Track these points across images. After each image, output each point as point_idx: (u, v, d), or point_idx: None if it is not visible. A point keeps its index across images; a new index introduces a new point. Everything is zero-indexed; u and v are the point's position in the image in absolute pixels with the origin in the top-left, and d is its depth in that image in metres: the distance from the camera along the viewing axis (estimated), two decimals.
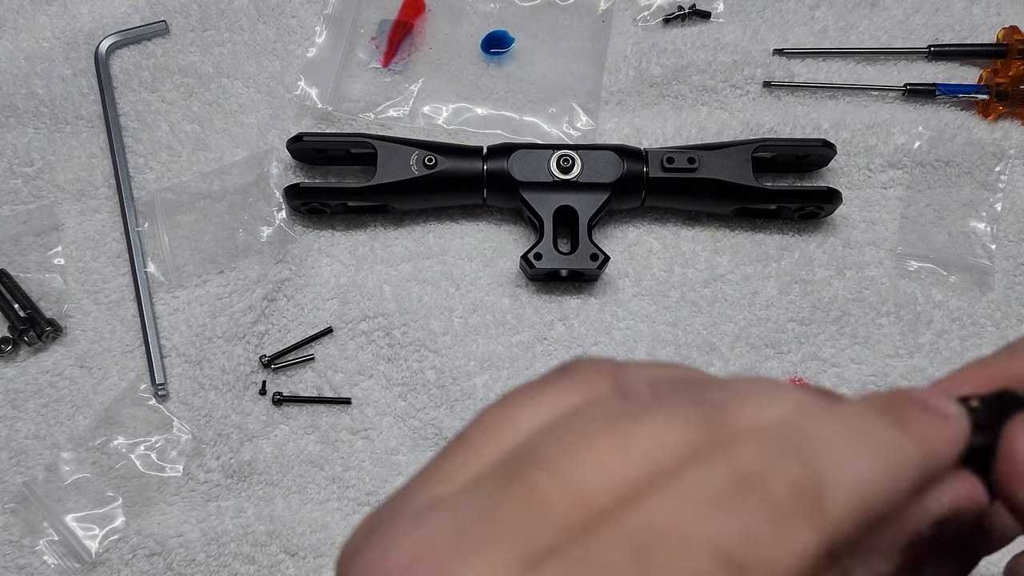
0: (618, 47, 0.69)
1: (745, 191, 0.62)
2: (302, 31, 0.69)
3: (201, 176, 0.65)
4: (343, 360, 0.61)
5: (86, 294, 0.62)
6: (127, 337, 0.61)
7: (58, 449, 0.58)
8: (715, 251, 0.65)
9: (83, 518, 0.57)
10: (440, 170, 0.61)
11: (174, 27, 0.69)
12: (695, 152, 0.62)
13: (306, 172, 0.66)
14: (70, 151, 0.66)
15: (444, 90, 0.68)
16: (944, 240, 0.65)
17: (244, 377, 0.60)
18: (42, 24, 0.68)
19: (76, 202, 0.64)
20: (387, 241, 0.64)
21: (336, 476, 0.59)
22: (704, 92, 0.68)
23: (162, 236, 0.63)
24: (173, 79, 0.67)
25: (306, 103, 0.66)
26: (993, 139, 0.67)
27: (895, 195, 0.67)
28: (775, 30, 0.70)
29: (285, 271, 0.63)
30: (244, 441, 0.59)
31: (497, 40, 0.69)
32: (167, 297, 0.62)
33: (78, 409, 0.60)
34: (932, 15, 0.71)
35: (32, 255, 0.63)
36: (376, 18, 0.69)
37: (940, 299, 0.64)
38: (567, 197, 0.61)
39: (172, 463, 0.59)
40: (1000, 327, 0.64)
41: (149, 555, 0.57)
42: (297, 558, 0.57)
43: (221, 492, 0.58)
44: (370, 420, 0.60)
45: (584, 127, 0.67)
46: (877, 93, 0.69)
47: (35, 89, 0.66)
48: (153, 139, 0.66)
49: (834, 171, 0.67)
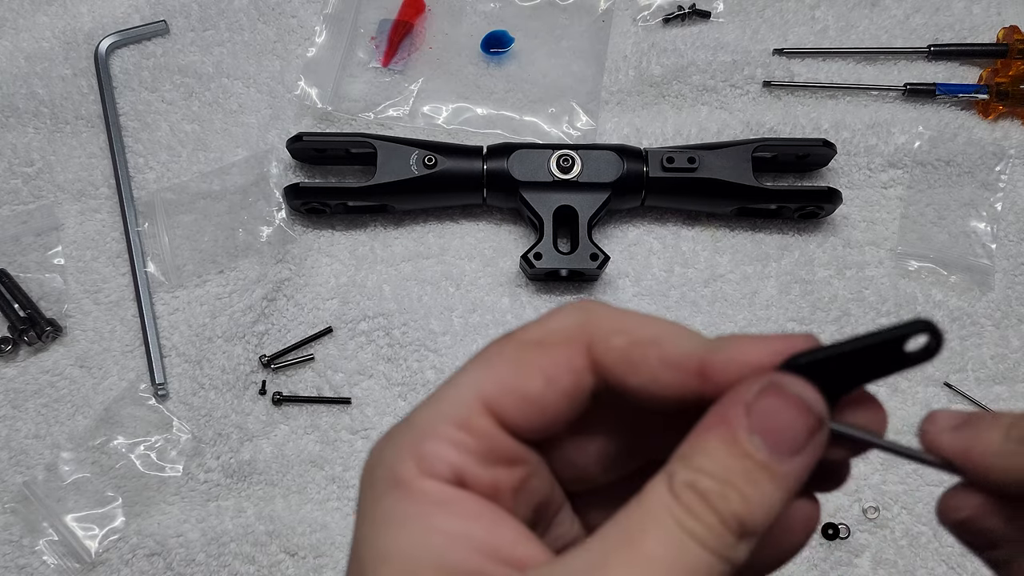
0: (618, 47, 0.69)
1: (745, 191, 0.62)
2: (302, 31, 0.69)
3: (201, 176, 0.65)
4: (343, 360, 0.61)
5: (86, 294, 0.62)
6: (127, 337, 0.61)
7: (58, 449, 0.58)
8: (715, 251, 0.65)
9: (83, 518, 0.57)
10: (440, 170, 0.61)
11: (174, 27, 0.68)
12: (695, 152, 0.62)
13: (306, 172, 0.66)
14: (70, 151, 0.65)
15: (444, 90, 0.68)
16: (944, 240, 0.65)
17: (244, 377, 0.60)
18: (42, 24, 0.68)
19: (76, 202, 0.64)
20: (387, 241, 0.64)
21: (336, 476, 0.59)
22: (704, 92, 0.68)
23: (162, 236, 0.63)
24: (173, 79, 0.67)
25: (306, 103, 0.66)
26: (993, 139, 0.67)
27: (895, 195, 0.67)
28: (775, 30, 0.70)
29: (285, 271, 0.63)
30: (244, 441, 0.59)
31: (497, 40, 0.69)
32: (167, 297, 0.62)
33: (78, 409, 0.60)
34: (932, 15, 0.71)
35: (32, 255, 0.63)
36: (376, 18, 0.69)
37: (940, 299, 0.64)
38: (567, 197, 0.61)
39: (172, 463, 0.59)
40: (1000, 327, 0.64)
41: (149, 555, 0.57)
42: (297, 558, 0.57)
43: (221, 492, 0.58)
44: (370, 420, 0.60)
45: (584, 127, 0.67)
46: (877, 93, 0.69)
47: (35, 89, 0.66)
48: (153, 139, 0.66)
49: (834, 171, 0.67)
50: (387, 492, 0.24)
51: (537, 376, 0.25)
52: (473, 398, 0.25)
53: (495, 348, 0.26)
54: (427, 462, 0.24)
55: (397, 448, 0.25)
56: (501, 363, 0.26)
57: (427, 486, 0.24)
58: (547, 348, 0.25)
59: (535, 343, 0.26)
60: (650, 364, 0.25)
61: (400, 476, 0.24)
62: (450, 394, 0.26)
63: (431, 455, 0.24)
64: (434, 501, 0.24)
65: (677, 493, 0.22)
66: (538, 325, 0.26)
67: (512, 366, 0.25)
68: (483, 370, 0.26)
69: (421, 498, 0.24)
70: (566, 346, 0.25)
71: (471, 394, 0.25)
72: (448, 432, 0.25)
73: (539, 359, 0.25)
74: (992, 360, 0.63)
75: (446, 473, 0.24)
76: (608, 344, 0.25)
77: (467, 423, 0.25)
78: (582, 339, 0.25)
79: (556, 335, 0.26)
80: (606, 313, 0.26)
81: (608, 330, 0.25)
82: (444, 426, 0.25)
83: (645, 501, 0.23)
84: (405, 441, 0.25)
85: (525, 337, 0.26)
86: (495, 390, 0.25)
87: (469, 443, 0.25)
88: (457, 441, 0.25)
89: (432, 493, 0.24)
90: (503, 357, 0.26)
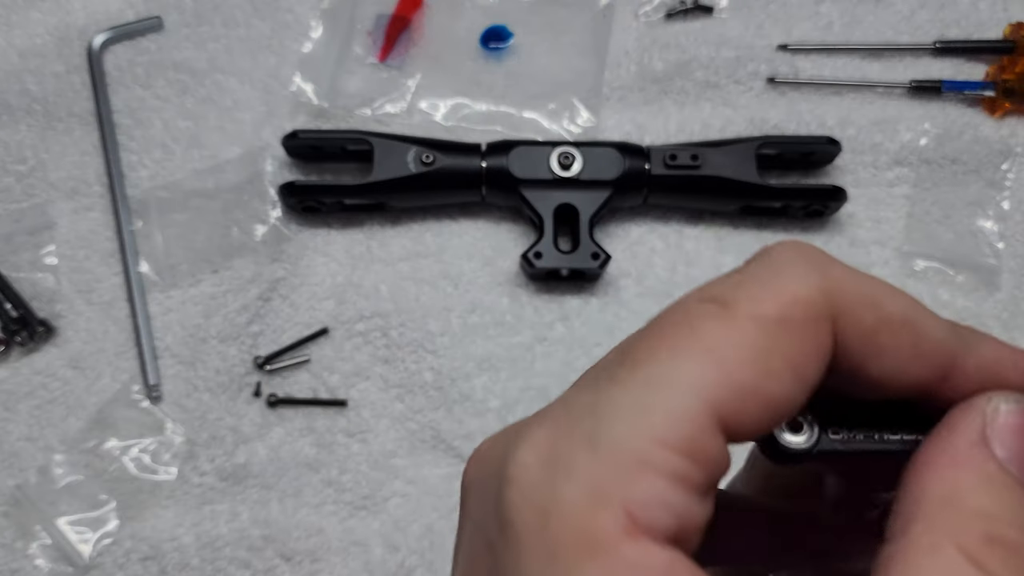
0: (620, 42, 0.68)
1: (749, 189, 0.61)
2: (298, 26, 0.68)
3: (195, 174, 0.64)
4: (339, 361, 0.60)
5: (79, 294, 0.62)
6: (120, 337, 0.61)
7: (50, 451, 0.58)
8: (719, 250, 0.64)
9: (76, 521, 0.56)
10: (438, 167, 0.61)
11: (168, 23, 0.68)
12: (698, 149, 0.62)
13: (301, 169, 0.65)
14: (63, 148, 0.65)
15: (442, 86, 0.67)
16: (951, 239, 0.64)
17: (238, 378, 0.60)
18: (35, 20, 0.68)
19: (69, 200, 0.64)
20: (384, 240, 0.64)
21: (332, 479, 0.58)
22: (707, 88, 0.67)
23: (156, 235, 0.62)
24: (167, 75, 0.67)
25: (302, 99, 0.66)
26: (1000, 136, 0.66)
27: (901, 193, 0.66)
28: (779, 25, 0.69)
29: (280, 270, 0.62)
30: (238, 444, 0.58)
31: (496, 35, 0.68)
32: (160, 297, 0.61)
33: (71, 411, 0.59)
34: (938, 10, 0.70)
35: (24, 254, 0.62)
36: (373, 12, 0.68)
37: (947, 299, 0.63)
38: (568, 195, 0.61)
39: (166, 466, 0.58)
40: (1007, 327, 0.63)
41: (143, 559, 0.56)
42: (292, 563, 0.56)
43: (215, 495, 0.58)
44: (367, 422, 0.59)
45: (585, 123, 0.66)
46: (883, 89, 0.68)
47: (28, 86, 0.66)
48: (147, 136, 0.65)
49: (839, 168, 0.66)
50: (579, 562, 0.16)
51: (786, 372, 0.18)
52: (700, 407, 0.17)
53: (713, 325, 0.18)
54: (646, 512, 0.16)
55: (593, 486, 0.16)
56: (732, 351, 0.18)
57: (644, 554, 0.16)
58: (792, 328, 0.18)
59: (776, 321, 0.18)
60: (901, 351, 0.19)
61: (599, 535, 0.16)
62: (661, 401, 0.17)
63: (651, 499, 0.16)
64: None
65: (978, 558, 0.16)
66: (766, 288, 0.19)
67: (751, 356, 0.18)
68: (705, 360, 0.18)
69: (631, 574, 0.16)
70: (815, 324, 0.18)
71: (696, 401, 0.17)
72: (672, 461, 0.17)
73: (785, 346, 0.18)
74: None
75: (667, 526, 0.16)
76: (856, 320, 0.19)
77: (695, 446, 0.17)
78: (829, 313, 0.19)
79: (800, 309, 0.18)
80: (846, 275, 0.19)
81: (855, 301, 0.19)
82: (662, 452, 0.17)
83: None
84: (599, 474, 0.16)
85: (758, 311, 0.18)
86: (729, 394, 0.17)
87: (696, 477, 0.17)
88: (683, 475, 0.17)
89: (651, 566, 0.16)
90: (733, 341, 0.18)
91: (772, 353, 0.18)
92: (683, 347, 0.18)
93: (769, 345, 0.18)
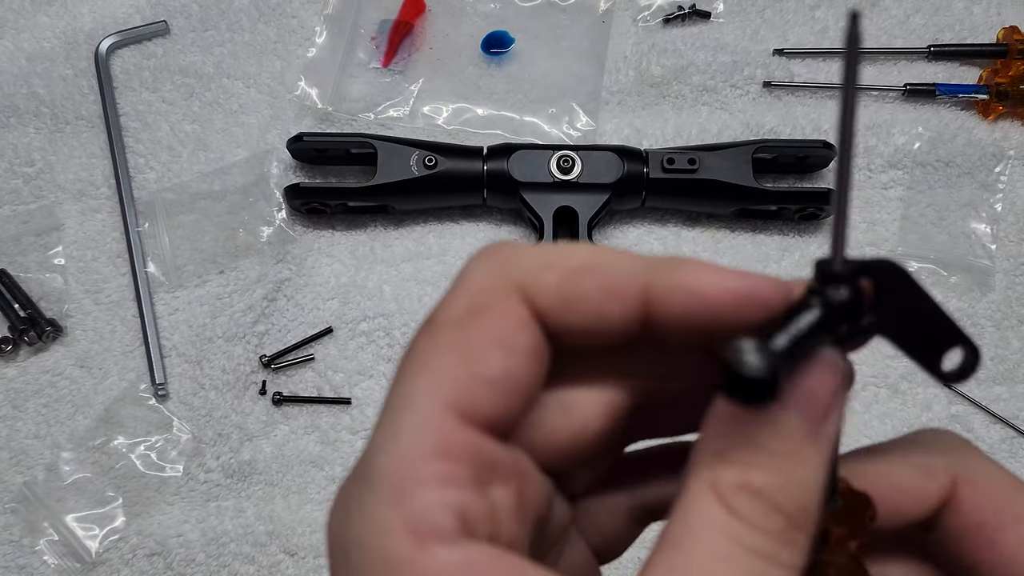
0: (618, 47, 0.69)
1: (745, 192, 0.62)
2: (303, 31, 0.69)
3: (201, 176, 0.65)
4: (343, 360, 0.61)
5: (86, 294, 0.62)
6: (127, 337, 0.61)
7: (58, 449, 0.58)
8: (715, 252, 0.65)
9: (83, 518, 0.57)
10: (440, 170, 0.61)
11: (174, 27, 0.68)
12: (695, 153, 0.62)
13: (306, 172, 0.66)
14: (71, 151, 0.66)
15: (444, 90, 0.68)
16: (944, 241, 0.65)
17: (244, 377, 0.60)
18: (43, 24, 0.68)
19: (77, 202, 0.64)
20: (387, 241, 0.64)
21: (336, 476, 0.59)
22: (704, 92, 0.68)
23: (162, 236, 0.63)
24: (173, 79, 0.67)
25: (306, 103, 0.66)
26: (993, 139, 0.67)
27: (895, 196, 0.67)
28: (775, 30, 0.70)
29: (285, 271, 0.63)
30: (244, 441, 0.59)
31: (497, 40, 0.69)
32: (167, 297, 0.62)
33: (78, 409, 0.60)
34: (932, 15, 0.71)
35: (32, 255, 0.63)
36: (376, 18, 0.69)
37: (941, 300, 0.64)
38: (567, 198, 0.61)
39: (172, 463, 0.59)
40: (1000, 327, 0.63)
41: (149, 555, 0.57)
42: (297, 558, 0.57)
43: (221, 492, 0.58)
44: (370, 420, 0.60)
45: (584, 127, 0.67)
46: (877, 93, 0.69)
47: (36, 89, 0.66)
48: (153, 139, 0.66)
49: (834, 172, 0.67)
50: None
51: (491, 349, 0.20)
52: (439, 410, 0.19)
53: (423, 344, 0.21)
54: (425, 523, 0.18)
55: (372, 519, 0.18)
56: (441, 355, 0.20)
57: (435, 560, 0.18)
58: (482, 314, 0.20)
59: (465, 315, 0.21)
60: (589, 296, 0.20)
61: (393, 556, 0.18)
62: (407, 421, 0.19)
63: (425, 510, 0.18)
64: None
65: (732, 504, 0.18)
66: (456, 295, 0.21)
67: (456, 352, 0.20)
68: (427, 374, 0.20)
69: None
70: (501, 301, 0.21)
71: (433, 407, 0.19)
72: (431, 468, 0.19)
73: (481, 330, 0.20)
74: (992, 361, 0.63)
75: (451, 525, 0.18)
76: (538, 283, 0.21)
77: (447, 445, 0.19)
78: (512, 287, 0.21)
79: (482, 295, 0.21)
80: (524, 251, 0.21)
81: (533, 267, 0.21)
82: (422, 463, 0.19)
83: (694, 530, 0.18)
84: (379, 505, 0.19)
85: (450, 315, 0.21)
86: (455, 389, 0.20)
87: (459, 471, 0.19)
88: (446, 475, 0.19)
89: (445, 566, 0.18)
90: (440, 348, 0.20)
91: (472, 340, 0.20)
92: (407, 371, 0.21)
93: (467, 335, 0.20)
